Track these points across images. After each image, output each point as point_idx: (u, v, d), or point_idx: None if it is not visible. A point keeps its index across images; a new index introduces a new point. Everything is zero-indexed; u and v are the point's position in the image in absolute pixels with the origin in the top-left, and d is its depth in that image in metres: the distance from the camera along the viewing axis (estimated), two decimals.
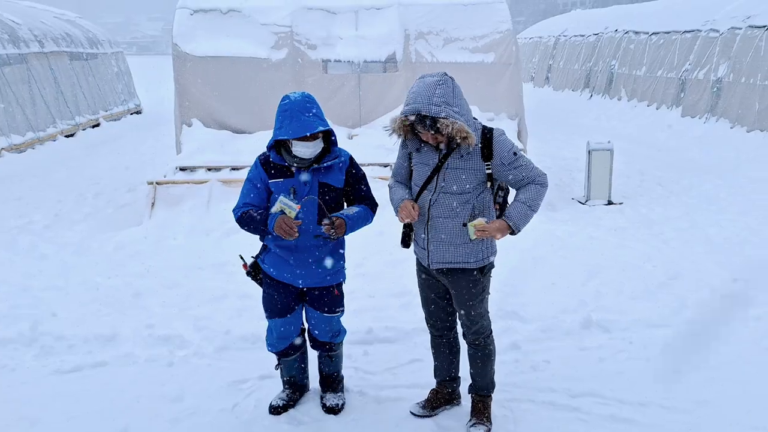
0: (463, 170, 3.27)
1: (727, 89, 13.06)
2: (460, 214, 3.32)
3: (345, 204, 3.64)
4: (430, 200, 3.33)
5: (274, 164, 3.49)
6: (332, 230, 3.33)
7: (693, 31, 15.01)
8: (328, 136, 3.49)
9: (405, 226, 3.48)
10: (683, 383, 4.06)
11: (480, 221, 3.25)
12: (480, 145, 3.26)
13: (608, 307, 5.15)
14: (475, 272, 3.41)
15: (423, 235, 3.41)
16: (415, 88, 3.17)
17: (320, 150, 3.43)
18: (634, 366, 4.30)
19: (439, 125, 3.10)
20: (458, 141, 3.16)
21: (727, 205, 8.21)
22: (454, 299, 3.52)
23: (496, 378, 3.74)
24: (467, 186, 3.29)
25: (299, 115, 3.28)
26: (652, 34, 16.90)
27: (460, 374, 3.85)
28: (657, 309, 5.12)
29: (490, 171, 3.30)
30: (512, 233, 3.29)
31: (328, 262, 3.58)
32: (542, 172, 3.37)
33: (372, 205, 3.62)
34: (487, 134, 3.29)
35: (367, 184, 3.64)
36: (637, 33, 17.84)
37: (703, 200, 8.49)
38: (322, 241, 3.51)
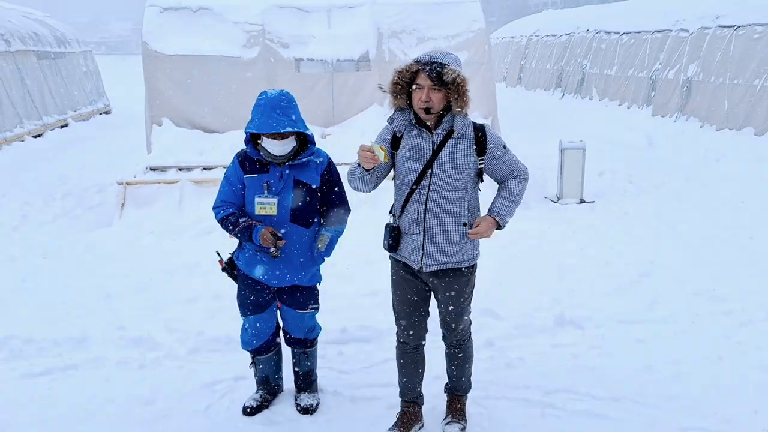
0: (457, 165, 3.19)
1: (697, 88, 13.27)
2: (458, 212, 3.23)
3: (317, 204, 3.58)
4: (426, 199, 3.21)
5: (250, 159, 3.49)
6: (276, 252, 3.41)
7: (663, 30, 15.23)
8: (304, 136, 3.47)
9: (393, 228, 3.32)
10: (655, 378, 4.11)
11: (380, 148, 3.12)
12: (473, 140, 3.23)
13: (581, 304, 5.19)
14: (469, 270, 3.36)
15: (418, 236, 3.26)
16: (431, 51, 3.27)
17: (291, 149, 3.42)
18: (606, 362, 4.33)
19: (444, 71, 3.07)
20: (455, 99, 3.10)
21: (697, 202, 8.34)
22: (444, 301, 3.39)
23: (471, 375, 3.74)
24: (462, 182, 3.21)
25: (270, 112, 3.27)
26: (623, 33, 17.11)
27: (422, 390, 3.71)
28: (629, 305, 5.18)
29: (482, 166, 3.28)
30: (499, 228, 3.28)
31: (302, 265, 3.56)
32: (525, 166, 3.40)
33: (343, 212, 3.61)
34: (479, 129, 3.26)
35: (341, 189, 3.60)
36: (608, 33, 18.05)
37: (674, 198, 8.61)
38: (296, 241, 3.50)
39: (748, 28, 12.26)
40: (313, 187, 3.50)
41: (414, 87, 3.15)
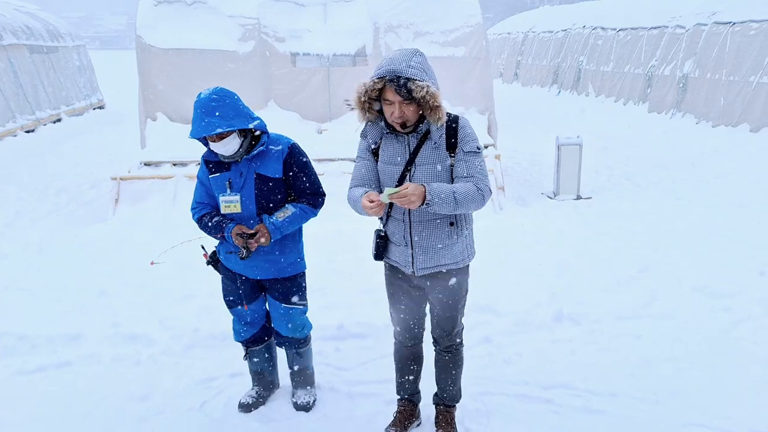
0: (435, 164, 3.05)
1: (693, 85, 13.28)
2: (444, 214, 3.08)
3: (285, 193, 3.49)
4: None
5: (211, 161, 3.46)
6: (244, 253, 3.34)
7: (659, 27, 15.23)
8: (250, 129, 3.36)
9: (379, 237, 3.20)
10: (654, 374, 4.10)
11: (393, 189, 2.89)
12: (445, 135, 3.05)
13: (579, 300, 5.17)
14: (462, 271, 3.25)
15: (407, 242, 3.14)
16: (391, 55, 3.01)
17: (238, 145, 3.32)
18: (604, 357, 4.31)
19: (412, 87, 2.85)
20: (429, 112, 2.94)
21: (694, 198, 8.33)
22: (438, 303, 3.30)
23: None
24: (442, 181, 3.04)
25: (201, 115, 3.18)
26: (620, 30, 17.10)
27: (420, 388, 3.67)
28: (627, 301, 5.16)
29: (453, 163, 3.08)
30: (422, 204, 2.89)
31: (279, 255, 3.50)
32: (489, 185, 3.05)
33: (314, 199, 3.50)
34: (452, 123, 3.05)
35: (308, 175, 3.49)
36: (604, 29, 18.05)
37: (670, 194, 8.60)
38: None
39: (744, 24, 12.26)
40: (275, 177, 3.42)
41: (384, 101, 2.96)
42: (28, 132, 13.77)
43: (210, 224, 3.46)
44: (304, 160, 3.50)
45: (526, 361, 4.27)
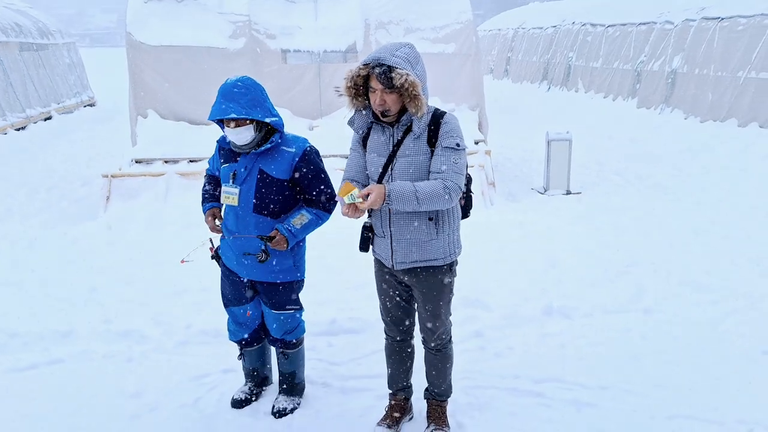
0: (416, 156, 3.07)
1: (681, 80, 13.36)
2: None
3: (287, 196, 3.44)
4: None
5: (225, 148, 3.49)
6: (263, 255, 3.33)
7: (648, 23, 15.31)
8: (267, 124, 3.36)
9: (364, 229, 3.24)
10: (642, 367, 4.14)
11: (359, 192, 2.96)
12: (429, 128, 3.07)
13: (569, 294, 5.21)
14: (444, 269, 3.24)
15: (385, 234, 3.19)
16: (381, 46, 3.09)
17: (252, 137, 3.30)
18: (594, 351, 4.35)
19: (393, 75, 2.90)
20: (408, 101, 2.97)
21: (682, 194, 8.40)
22: (421, 300, 3.30)
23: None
24: (423, 175, 3.06)
25: (221, 99, 3.20)
26: (609, 26, 17.17)
27: (411, 382, 3.68)
28: (616, 295, 5.20)
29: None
30: (383, 202, 2.97)
31: (274, 258, 3.44)
32: (459, 183, 3.04)
33: (328, 203, 3.46)
34: (438, 118, 3.07)
35: (323, 180, 3.43)
36: (593, 25, 18.11)
37: (659, 189, 8.66)
38: (262, 233, 3.39)
39: (732, 20, 12.34)
40: (280, 178, 3.37)
41: (369, 89, 3.03)
42: (18, 130, 13.69)
43: (203, 190, 3.70)
44: (319, 165, 3.45)
45: (516, 355, 4.31)
